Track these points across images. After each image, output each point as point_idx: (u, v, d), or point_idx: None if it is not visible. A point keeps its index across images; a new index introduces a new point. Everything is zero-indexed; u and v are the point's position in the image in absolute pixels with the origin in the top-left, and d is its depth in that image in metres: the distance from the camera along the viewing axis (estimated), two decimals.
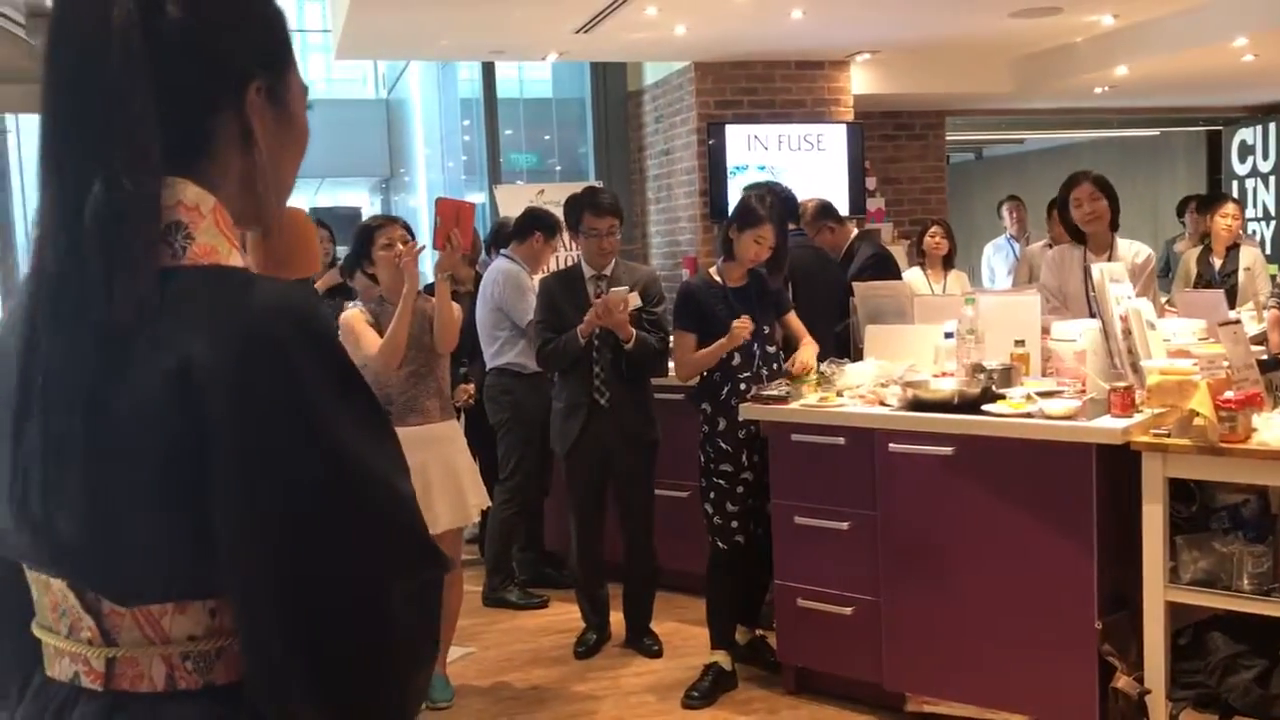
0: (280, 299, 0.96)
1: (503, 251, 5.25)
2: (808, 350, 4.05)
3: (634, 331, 4.11)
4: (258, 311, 0.94)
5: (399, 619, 0.96)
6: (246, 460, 0.91)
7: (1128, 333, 3.56)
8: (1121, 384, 3.30)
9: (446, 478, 3.77)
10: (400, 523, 0.98)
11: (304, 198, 16.94)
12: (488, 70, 8.41)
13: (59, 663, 1.01)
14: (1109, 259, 4.37)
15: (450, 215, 3.84)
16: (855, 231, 5.62)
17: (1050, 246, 5.45)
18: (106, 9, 0.95)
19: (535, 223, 5.18)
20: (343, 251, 4.76)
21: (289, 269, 1.20)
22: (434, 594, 1.02)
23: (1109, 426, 3.20)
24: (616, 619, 4.52)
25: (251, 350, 0.92)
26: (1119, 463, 3.22)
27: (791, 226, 4.55)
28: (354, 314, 3.77)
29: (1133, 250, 4.39)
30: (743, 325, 3.83)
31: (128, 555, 0.94)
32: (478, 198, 10.33)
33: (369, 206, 18.22)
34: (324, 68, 17.35)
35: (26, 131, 7.55)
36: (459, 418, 4.17)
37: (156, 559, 0.95)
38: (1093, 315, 4.24)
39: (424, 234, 4.64)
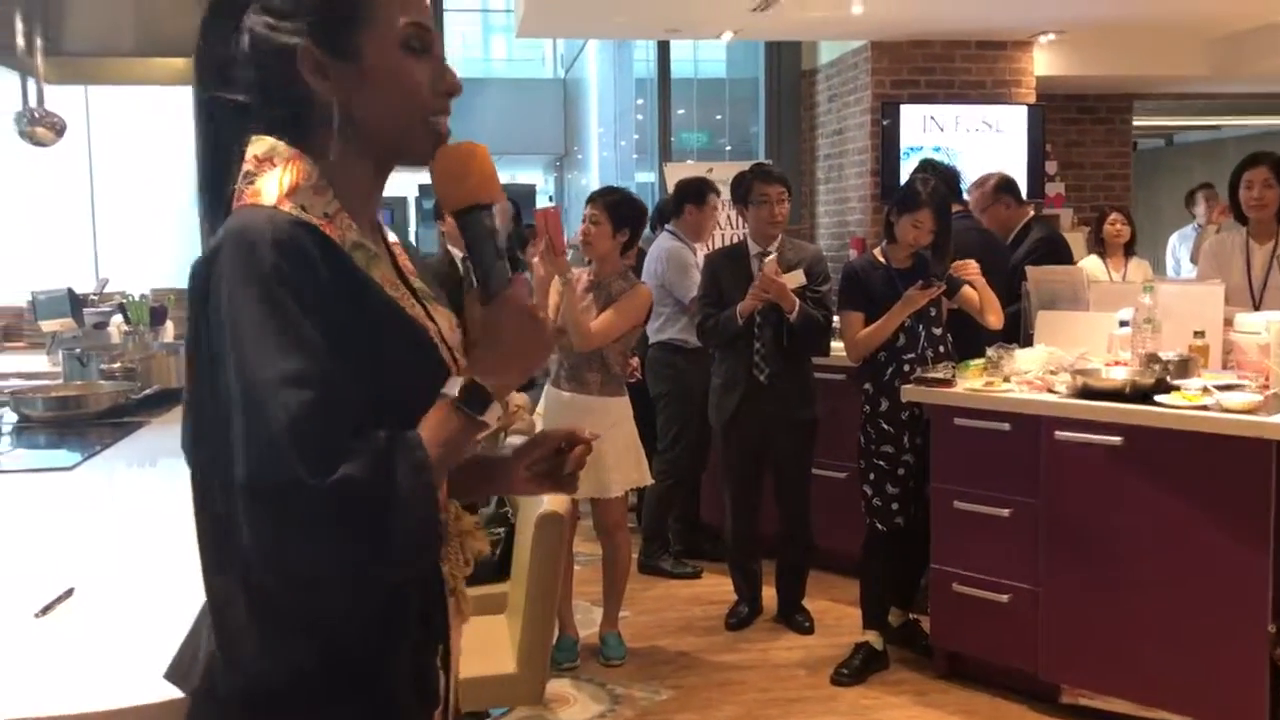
0: (239, 224, 1.16)
1: (666, 228, 5.32)
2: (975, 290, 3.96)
3: (797, 301, 4.11)
4: (226, 234, 1.15)
5: (245, 503, 1.07)
6: (187, 352, 1.19)
7: None
8: None
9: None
10: (249, 416, 1.08)
11: None
12: (663, 49, 8.49)
13: None
14: (1274, 248, 4.19)
15: (542, 224, 3.94)
16: (1031, 214, 5.47)
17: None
18: (206, 24, 1.26)
19: (683, 195, 5.22)
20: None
21: (456, 197, 1.26)
22: (278, 490, 1.06)
23: None
24: (769, 594, 4.55)
25: (207, 264, 1.15)
26: None
27: (957, 208, 4.45)
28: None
29: None
30: (920, 292, 3.80)
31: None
32: (647, 177, 10.45)
33: (543, 184, 18.60)
34: (505, 48, 17.78)
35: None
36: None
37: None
38: (1257, 308, 4.06)
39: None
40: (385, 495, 1.08)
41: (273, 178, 1.20)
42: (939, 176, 4.22)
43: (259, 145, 1.22)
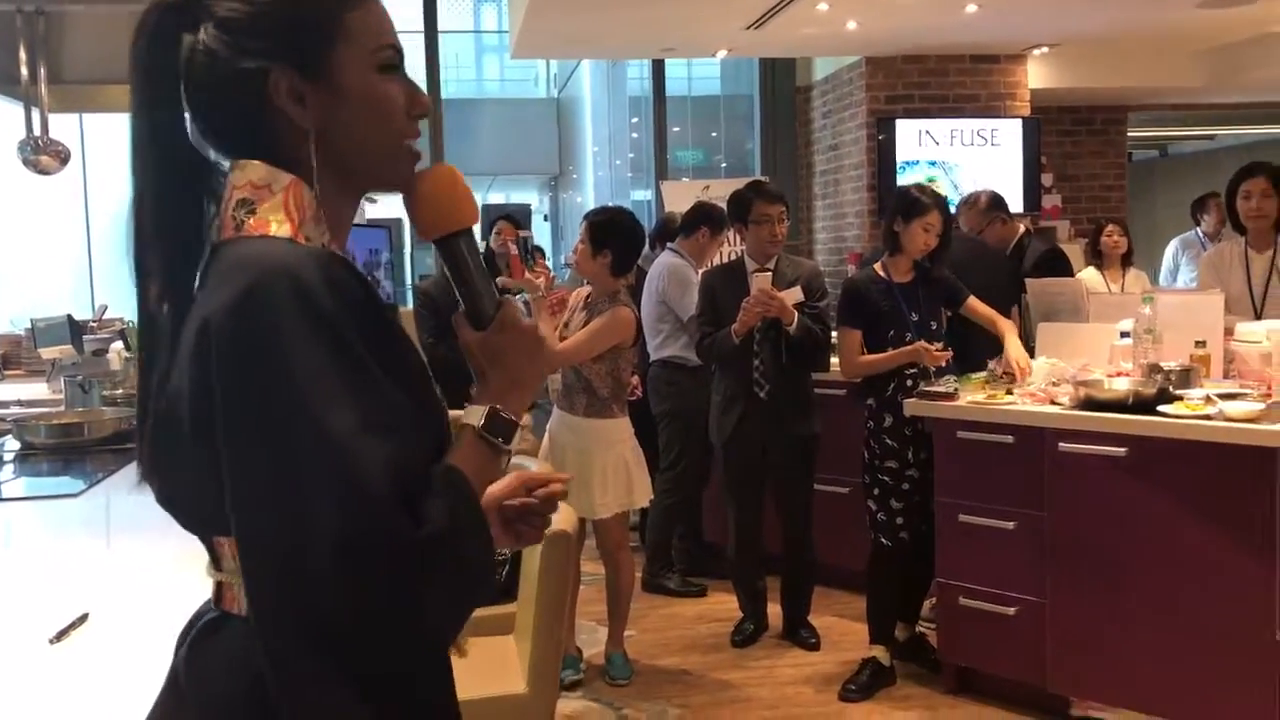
0: (281, 259, 1.03)
1: (669, 246, 5.34)
2: (1016, 344, 3.95)
3: (796, 314, 4.11)
4: (258, 271, 1.02)
5: (336, 568, 0.97)
6: (227, 407, 0.99)
7: None
8: None
9: (580, 468, 3.89)
10: (342, 478, 0.98)
11: (477, 194, 17.45)
12: (657, 68, 8.53)
13: (208, 580, 1.15)
14: (1273, 257, 4.22)
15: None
16: (1023, 228, 5.54)
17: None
18: (149, 43, 1.11)
19: (703, 218, 5.25)
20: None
21: (446, 223, 1.19)
22: (381, 548, 0.98)
23: None
24: (774, 611, 4.54)
25: (244, 305, 1.00)
26: None
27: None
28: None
29: None
30: (931, 353, 3.83)
31: (185, 490, 1.08)
32: (643, 194, 10.48)
33: (538, 204, 18.64)
34: (498, 68, 17.84)
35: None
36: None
37: (205, 495, 1.03)
38: (1258, 317, 4.08)
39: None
40: (458, 539, 1.04)
41: (278, 206, 1.10)
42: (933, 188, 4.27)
43: (253, 171, 1.11)
